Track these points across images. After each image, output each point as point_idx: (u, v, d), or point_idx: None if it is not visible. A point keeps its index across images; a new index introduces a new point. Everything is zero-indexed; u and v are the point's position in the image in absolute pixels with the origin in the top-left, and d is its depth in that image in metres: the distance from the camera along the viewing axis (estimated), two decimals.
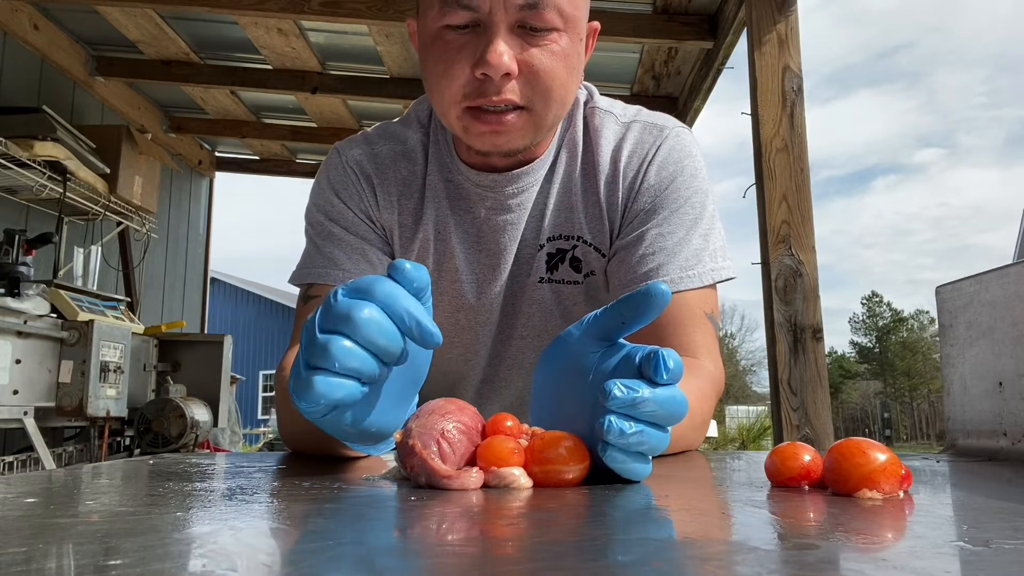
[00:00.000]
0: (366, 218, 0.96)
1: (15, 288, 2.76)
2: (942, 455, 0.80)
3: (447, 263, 0.96)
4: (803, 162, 2.64)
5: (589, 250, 0.95)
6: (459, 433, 0.53)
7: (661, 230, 0.90)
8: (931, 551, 0.32)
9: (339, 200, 0.96)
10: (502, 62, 0.78)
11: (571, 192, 0.95)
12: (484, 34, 0.79)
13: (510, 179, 0.93)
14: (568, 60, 0.83)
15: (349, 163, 0.97)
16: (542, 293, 0.96)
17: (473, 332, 0.98)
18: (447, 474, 0.50)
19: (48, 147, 3.23)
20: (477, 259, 0.96)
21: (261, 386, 21.93)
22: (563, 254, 0.95)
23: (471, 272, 0.96)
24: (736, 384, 30.26)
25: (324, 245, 0.95)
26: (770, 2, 2.74)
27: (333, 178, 0.97)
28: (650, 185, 0.92)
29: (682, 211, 0.91)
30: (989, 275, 0.77)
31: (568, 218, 0.95)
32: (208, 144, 5.78)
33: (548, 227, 0.95)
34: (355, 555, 0.32)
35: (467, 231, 0.96)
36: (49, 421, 2.87)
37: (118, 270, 4.29)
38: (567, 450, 0.52)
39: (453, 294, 0.97)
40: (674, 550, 0.33)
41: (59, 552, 0.32)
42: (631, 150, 0.94)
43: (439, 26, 0.81)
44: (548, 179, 0.95)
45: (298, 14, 3.35)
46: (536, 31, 0.80)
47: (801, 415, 2.49)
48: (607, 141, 0.94)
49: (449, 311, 0.98)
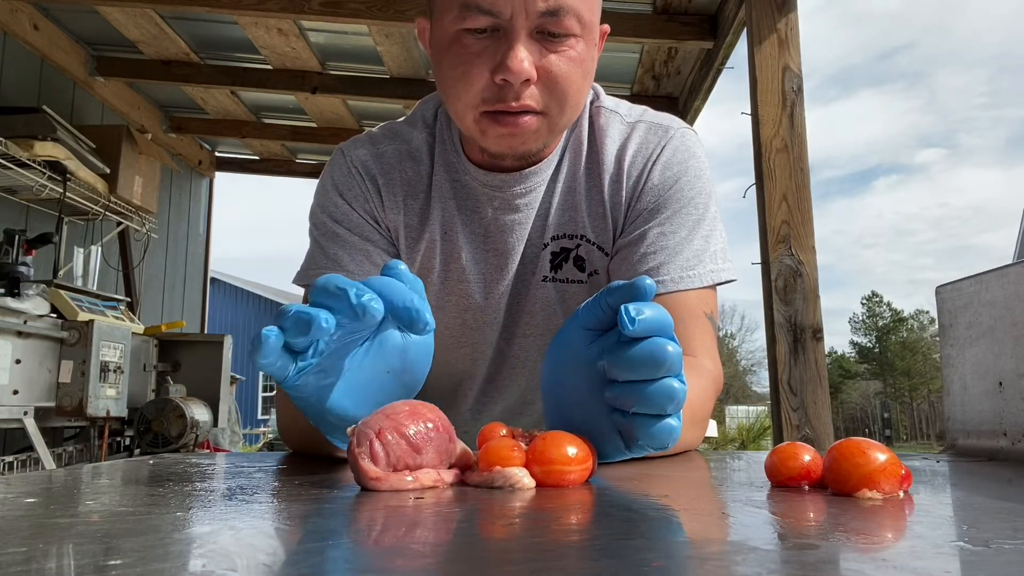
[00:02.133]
0: (371, 219, 0.96)
1: (15, 288, 2.76)
2: (942, 455, 0.80)
3: (454, 263, 0.96)
4: (803, 162, 2.64)
5: (592, 249, 0.95)
6: (397, 435, 0.50)
7: (663, 229, 0.90)
8: (931, 551, 0.32)
9: (343, 201, 0.95)
10: (523, 68, 0.78)
11: (575, 191, 0.95)
12: (504, 39, 0.79)
13: (518, 179, 0.93)
14: (584, 65, 0.83)
15: (354, 164, 0.97)
16: (546, 292, 0.96)
17: (480, 332, 0.98)
18: (374, 475, 0.49)
19: (48, 147, 3.23)
20: (484, 259, 0.96)
21: (261, 386, 21.92)
22: (567, 253, 0.95)
23: (478, 272, 0.96)
24: (736, 384, 30.25)
25: (328, 246, 0.95)
26: (770, 2, 2.74)
27: (338, 179, 0.97)
28: (654, 185, 0.92)
29: (685, 211, 0.91)
30: (989, 275, 0.77)
31: (572, 217, 0.95)
32: (208, 144, 5.78)
33: (552, 226, 0.95)
34: (355, 555, 0.32)
35: (474, 231, 0.95)
36: (49, 421, 2.87)
37: (118, 270, 4.29)
38: (569, 450, 0.52)
39: (460, 294, 0.97)
40: (674, 550, 0.33)
41: (59, 552, 0.32)
42: (636, 150, 0.94)
43: (457, 29, 0.81)
44: (553, 178, 0.95)
45: (298, 14, 3.35)
46: (555, 37, 0.80)
47: (801, 415, 2.49)
48: (612, 140, 0.94)
49: (456, 311, 0.98)
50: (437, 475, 0.52)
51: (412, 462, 0.51)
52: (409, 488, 0.50)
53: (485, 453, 0.53)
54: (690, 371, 0.85)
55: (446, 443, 0.53)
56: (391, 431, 0.50)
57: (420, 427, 0.52)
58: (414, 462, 0.51)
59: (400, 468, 0.51)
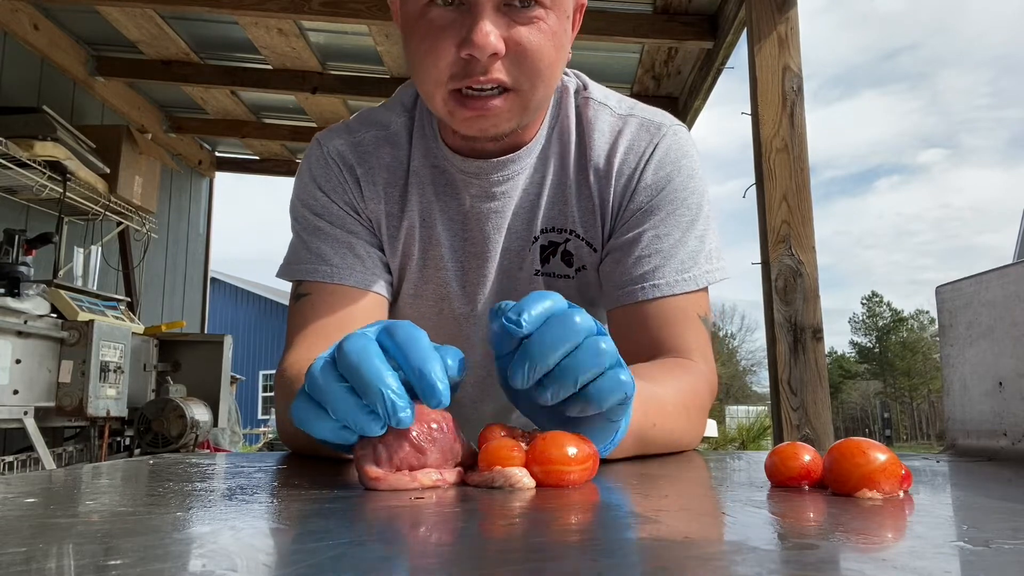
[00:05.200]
0: (351, 210, 0.94)
1: (15, 288, 2.76)
2: (942, 455, 0.80)
3: (432, 250, 0.95)
4: (803, 162, 2.64)
5: (581, 244, 0.94)
6: (400, 436, 0.51)
7: (658, 231, 0.90)
8: (931, 551, 0.32)
9: (323, 194, 0.94)
10: (488, 42, 0.75)
11: (565, 185, 0.93)
12: (470, 12, 0.77)
13: (496, 166, 0.91)
14: (556, 38, 0.81)
15: (331, 154, 0.95)
16: (536, 287, 0.95)
17: (457, 324, 0.97)
18: (374, 475, 0.50)
19: (48, 147, 3.23)
20: (463, 247, 0.95)
21: (261, 386, 21.93)
22: (555, 247, 0.94)
23: (456, 260, 0.95)
24: (736, 384, 30.23)
25: (311, 240, 0.94)
26: (770, 2, 2.74)
27: (315, 171, 0.95)
28: (647, 184, 0.91)
29: (679, 212, 0.91)
30: (989, 275, 0.77)
31: (561, 211, 0.94)
32: (208, 144, 5.78)
33: (542, 219, 0.94)
34: (354, 555, 0.32)
35: (452, 218, 0.94)
36: (49, 421, 2.87)
37: (118, 270, 4.29)
38: (569, 449, 0.52)
39: (438, 282, 0.96)
40: (674, 550, 0.33)
41: (59, 552, 0.32)
42: (627, 147, 0.92)
43: (423, 3, 0.79)
44: (540, 170, 0.93)
45: (298, 14, 3.35)
46: (522, 8, 0.78)
47: (801, 415, 2.49)
48: (601, 135, 0.93)
49: (433, 300, 0.97)
50: (439, 475, 0.52)
51: (416, 462, 0.51)
52: (409, 488, 0.50)
53: (485, 453, 0.53)
54: (684, 372, 0.85)
55: (451, 443, 0.53)
56: (394, 432, 0.51)
57: (424, 427, 0.52)
58: (418, 462, 0.51)
59: (403, 468, 0.51)
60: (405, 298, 0.97)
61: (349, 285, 0.92)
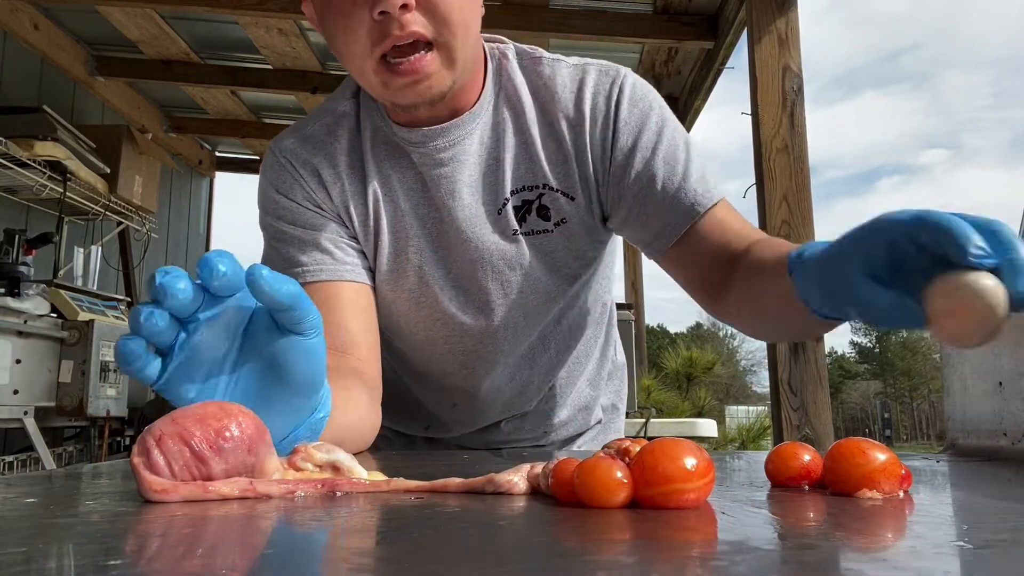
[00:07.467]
0: (312, 205, 0.95)
1: (15, 288, 2.76)
2: (942, 455, 0.80)
3: (399, 221, 0.95)
4: (803, 162, 2.64)
5: (557, 196, 0.94)
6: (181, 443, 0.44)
7: (666, 156, 0.91)
8: (931, 551, 0.32)
9: (281, 196, 0.95)
10: None
11: (528, 144, 0.93)
12: None
13: (440, 132, 0.91)
14: None
15: (283, 155, 0.96)
16: (518, 248, 0.95)
17: (434, 296, 0.97)
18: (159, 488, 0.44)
19: (48, 147, 3.23)
20: (427, 214, 0.95)
21: None
22: (529, 205, 0.94)
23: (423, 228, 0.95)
24: (736, 384, 30.19)
25: (280, 246, 0.95)
26: (770, 2, 2.74)
27: (271, 176, 0.97)
28: (626, 121, 0.92)
29: (673, 137, 0.92)
30: None
31: (529, 168, 0.94)
32: (208, 144, 5.78)
33: (511, 182, 0.94)
34: (353, 555, 0.32)
35: (411, 187, 0.95)
36: (49, 421, 2.87)
37: (118, 270, 4.29)
38: (687, 461, 0.41)
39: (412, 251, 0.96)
40: (674, 550, 0.33)
41: (59, 552, 0.32)
42: (593, 91, 0.93)
43: None
44: (494, 138, 0.94)
45: (298, 14, 3.35)
46: None
47: (801, 415, 2.49)
48: (563, 87, 0.94)
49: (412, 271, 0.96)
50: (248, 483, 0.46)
51: (198, 473, 0.45)
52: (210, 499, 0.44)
53: (583, 487, 0.42)
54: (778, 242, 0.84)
55: (243, 455, 0.46)
56: (173, 437, 0.45)
57: (209, 434, 0.45)
58: (200, 473, 0.45)
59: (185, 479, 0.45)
60: (384, 274, 0.97)
61: (322, 280, 0.92)
